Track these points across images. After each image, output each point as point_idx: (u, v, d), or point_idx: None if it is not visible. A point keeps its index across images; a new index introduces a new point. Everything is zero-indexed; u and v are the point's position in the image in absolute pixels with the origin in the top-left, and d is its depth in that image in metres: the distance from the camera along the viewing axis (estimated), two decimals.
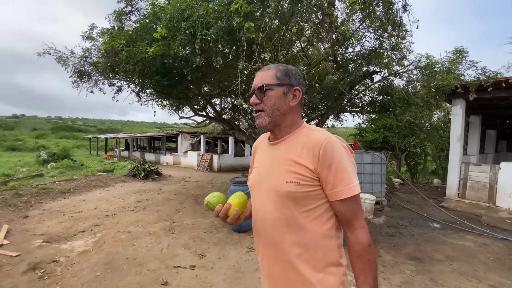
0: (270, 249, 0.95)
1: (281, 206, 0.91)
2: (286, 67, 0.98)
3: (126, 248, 3.44)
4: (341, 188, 0.84)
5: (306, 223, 0.89)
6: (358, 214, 0.88)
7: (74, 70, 5.66)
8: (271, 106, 0.94)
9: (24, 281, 2.56)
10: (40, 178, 8.48)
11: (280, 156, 0.95)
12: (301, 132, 0.95)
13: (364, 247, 0.86)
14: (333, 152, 0.84)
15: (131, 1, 4.50)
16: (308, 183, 0.87)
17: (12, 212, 4.78)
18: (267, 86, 0.94)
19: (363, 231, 0.88)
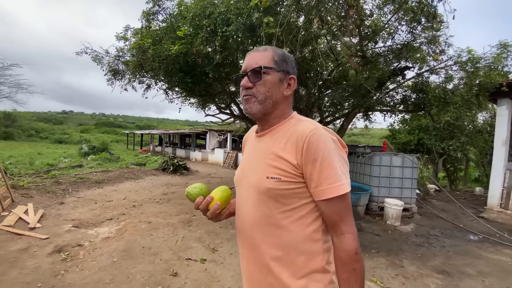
0: (250, 250, 0.88)
1: (261, 204, 0.83)
2: (282, 51, 0.89)
3: (144, 237, 3.60)
4: (326, 186, 0.74)
5: (287, 224, 0.80)
6: (346, 217, 0.78)
7: (109, 68, 6.08)
8: (265, 93, 0.84)
9: (47, 262, 2.79)
10: (79, 169, 9.28)
11: (264, 149, 0.87)
12: (288, 124, 0.86)
13: (350, 254, 0.76)
14: (318, 145, 0.75)
15: (158, 1, 4.69)
16: (290, 180, 0.78)
17: (49, 198, 5.29)
18: (265, 68, 0.83)
19: (350, 237, 0.77)
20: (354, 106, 5.16)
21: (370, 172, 5.62)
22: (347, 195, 0.77)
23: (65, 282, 2.46)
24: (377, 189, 5.46)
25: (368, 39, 4.73)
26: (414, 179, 5.54)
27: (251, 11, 3.75)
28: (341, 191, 0.74)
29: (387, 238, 4.20)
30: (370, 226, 4.73)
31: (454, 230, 4.68)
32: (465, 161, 10.61)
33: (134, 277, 2.61)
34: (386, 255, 3.53)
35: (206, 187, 0.94)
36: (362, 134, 54.05)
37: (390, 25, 4.93)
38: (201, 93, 5.85)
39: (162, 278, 2.63)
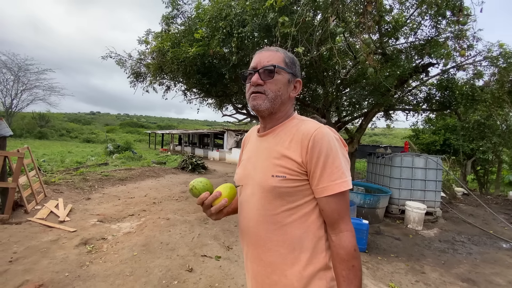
0: (254, 249, 0.89)
1: (265, 203, 0.84)
2: (291, 54, 0.93)
3: (162, 233, 3.73)
4: (328, 183, 0.76)
5: (291, 221, 0.82)
6: (345, 215, 0.79)
7: (131, 71, 6.37)
8: (275, 92, 0.85)
9: (74, 254, 2.99)
10: (105, 167, 9.78)
11: (267, 148, 0.89)
12: (291, 123, 0.89)
13: (349, 251, 0.77)
14: (323, 144, 0.77)
15: (177, 6, 4.84)
16: (294, 178, 0.80)
17: (77, 194, 5.63)
18: (278, 68, 0.85)
19: (349, 234, 0.78)
20: (373, 105, 5.00)
21: (390, 173, 5.42)
22: (347, 193, 0.79)
23: (89, 273, 2.62)
24: (398, 191, 5.25)
25: (389, 36, 4.57)
26: (438, 182, 5.27)
27: (267, 12, 3.76)
28: (343, 188, 0.76)
29: (408, 242, 4.04)
30: (389, 229, 4.57)
31: (483, 237, 4.39)
32: (497, 163, 9.89)
33: (152, 271, 2.72)
34: (406, 260, 3.40)
35: (210, 183, 0.92)
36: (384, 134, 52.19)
37: (412, 20, 4.72)
38: (218, 94, 5.96)
39: (179, 273, 2.72)
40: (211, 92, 5.62)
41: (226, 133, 17.46)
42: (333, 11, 3.20)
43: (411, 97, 6.22)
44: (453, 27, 4.17)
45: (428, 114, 7.07)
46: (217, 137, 21.69)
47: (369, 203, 4.56)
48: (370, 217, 4.55)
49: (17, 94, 27.29)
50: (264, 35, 4.26)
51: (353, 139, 6.04)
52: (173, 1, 4.85)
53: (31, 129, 30.95)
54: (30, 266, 2.64)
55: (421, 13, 4.28)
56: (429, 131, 9.04)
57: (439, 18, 4.11)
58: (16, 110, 28.11)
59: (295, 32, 3.54)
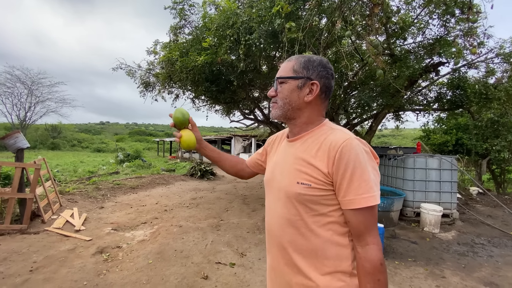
0: (279, 250, 0.91)
1: (291, 208, 0.86)
2: (309, 58, 0.90)
3: (176, 241, 3.75)
4: (355, 196, 0.76)
5: (315, 228, 0.83)
6: (372, 228, 0.79)
7: (141, 81, 6.51)
8: (283, 99, 0.90)
9: (92, 262, 3.03)
10: (116, 175, 9.94)
11: (295, 154, 0.89)
12: (320, 131, 0.88)
13: (375, 265, 0.76)
14: (350, 156, 0.76)
15: (184, 16, 4.95)
16: (320, 187, 0.80)
17: (91, 203, 5.73)
18: (279, 79, 0.90)
19: (375, 248, 0.77)
20: (382, 106, 4.95)
21: (403, 175, 5.32)
22: (375, 207, 0.78)
23: (107, 281, 2.65)
24: (412, 193, 5.15)
25: (396, 36, 4.54)
26: (454, 182, 5.14)
27: (273, 18, 3.81)
28: (370, 203, 0.75)
29: (425, 246, 3.93)
30: (405, 233, 4.47)
31: (504, 238, 4.24)
32: None
33: (168, 279, 2.73)
34: (425, 264, 3.31)
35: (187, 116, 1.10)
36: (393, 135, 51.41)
37: (420, 19, 4.69)
38: (226, 100, 6.02)
39: (194, 280, 2.72)
40: (219, 99, 5.68)
41: (233, 139, 17.54)
42: (340, 15, 3.21)
43: (421, 97, 6.14)
44: (462, 25, 4.12)
45: (439, 113, 6.95)
46: (225, 143, 21.80)
47: (383, 206, 4.47)
48: (384, 221, 4.47)
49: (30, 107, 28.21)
50: (271, 41, 4.30)
51: None
52: (181, 12, 4.96)
53: (44, 140, 31.79)
54: (50, 275, 2.69)
55: (429, 12, 4.25)
56: (440, 131, 8.86)
57: (448, 17, 4.06)
58: (30, 122, 29.01)
59: (302, 37, 3.57)
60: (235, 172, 1.25)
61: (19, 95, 27.27)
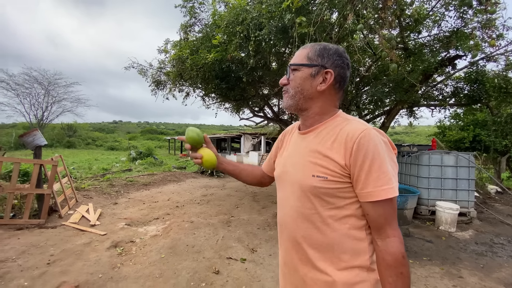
0: (293, 244, 0.88)
1: (305, 201, 0.83)
2: (324, 46, 0.86)
3: (187, 236, 3.80)
4: (374, 189, 0.73)
5: (331, 222, 0.80)
6: (392, 220, 0.76)
7: (152, 80, 6.59)
8: (295, 88, 0.87)
9: (106, 256, 3.11)
10: (129, 172, 10.16)
11: (309, 147, 0.86)
12: (334, 122, 0.85)
13: (397, 257, 0.74)
14: (368, 147, 0.73)
15: (194, 14, 4.97)
16: (336, 179, 0.78)
17: (105, 199, 5.88)
18: (292, 66, 0.87)
19: (396, 240, 0.75)
20: (396, 102, 4.83)
21: (417, 172, 5.18)
22: (395, 199, 0.76)
23: (121, 274, 2.71)
24: (427, 191, 5.01)
25: (410, 29, 4.41)
26: (471, 180, 4.97)
27: (283, 13, 3.77)
28: (389, 195, 0.73)
29: (441, 245, 3.82)
30: (420, 231, 4.36)
31: None
32: None
33: (180, 273, 2.77)
34: (441, 263, 3.22)
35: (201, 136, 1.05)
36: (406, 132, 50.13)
37: (435, 11, 4.53)
38: (235, 98, 6.02)
39: (205, 275, 2.75)
40: (229, 96, 5.70)
41: (243, 137, 17.59)
42: (351, 9, 3.14)
43: (437, 92, 5.94)
44: (480, 16, 3.95)
45: (455, 109, 6.72)
46: (234, 141, 21.90)
47: (397, 204, 4.38)
48: (398, 219, 4.37)
49: (47, 106, 29.14)
50: (281, 37, 4.26)
51: None
52: (191, 10, 4.99)
53: (60, 139, 32.84)
54: (66, 268, 2.78)
55: (445, 4, 4.09)
56: (457, 127, 8.57)
57: (465, 8, 3.90)
58: (47, 121, 29.99)
59: (312, 32, 3.51)
60: (256, 182, 1.20)
61: (37, 95, 28.23)
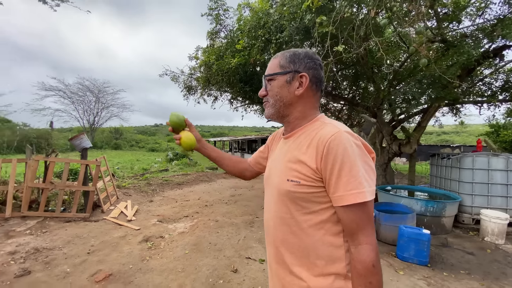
0: (274, 248, 0.90)
1: (282, 206, 0.85)
2: (294, 52, 0.88)
3: (211, 234, 3.96)
4: (343, 193, 0.72)
5: (306, 227, 0.80)
6: (365, 226, 0.73)
7: (184, 85, 7.00)
8: (273, 96, 0.88)
9: (138, 249, 3.40)
10: (165, 172, 10.85)
11: (287, 152, 0.88)
12: (313, 126, 0.85)
13: (366, 266, 0.71)
14: (338, 150, 0.72)
15: (219, 21, 5.17)
16: (309, 184, 0.78)
17: (142, 197, 6.38)
18: (267, 76, 0.89)
19: (368, 248, 0.72)
20: (433, 99, 4.43)
21: (459, 177, 4.70)
22: (368, 204, 0.73)
23: (148, 267, 2.95)
24: (470, 197, 4.51)
25: (448, 20, 4.03)
26: None
27: (304, 14, 3.74)
28: (359, 199, 0.71)
29: (485, 258, 3.42)
30: (460, 242, 3.95)
31: None
32: None
33: (200, 269, 2.92)
34: (481, 278, 2.89)
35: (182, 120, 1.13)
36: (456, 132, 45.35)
37: None
38: (260, 100, 6.10)
39: (224, 273, 2.85)
40: (254, 99, 5.79)
41: None
42: (375, 3, 2.99)
43: (484, 86, 5.32)
44: None
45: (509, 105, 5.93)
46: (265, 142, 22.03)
47: (433, 211, 4.02)
48: (434, 227, 4.02)
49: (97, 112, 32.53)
50: (303, 37, 4.23)
51: (410, 139, 5.45)
52: (217, 17, 5.20)
53: (108, 141, 36.28)
54: (103, 258, 3.10)
55: None
56: None
57: None
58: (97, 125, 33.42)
59: (334, 30, 3.43)
60: (238, 172, 1.23)
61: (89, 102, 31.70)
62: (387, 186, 5.32)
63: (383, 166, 6.30)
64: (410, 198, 4.29)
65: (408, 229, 3.22)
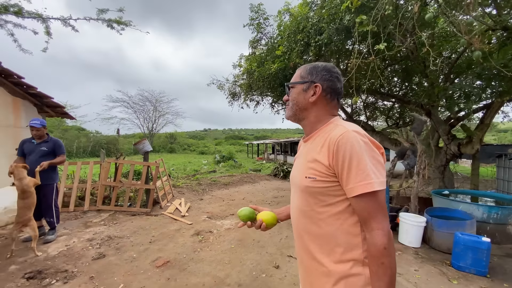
0: (299, 238, 1.03)
1: (302, 200, 0.97)
2: (314, 65, 1.02)
3: (255, 232, 4.18)
4: (354, 184, 0.82)
5: (325, 217, 0.91)
6: (376, 214, 0.82)
7: (229, 92, 7.46)
8: (292, 101, 1.03)
9: (190, 241, 3.80)
10: (213, 174, 11.59)
11: (306, 153, 1.01)
12: (327, 129, 0.96)
13: (378, 249, 0.80)
14: (346, 148, 0.83)
15: (260, 29, 5.43)
16: (324, 179, 0.88)
17: (194, 195, 6.99)
18: (289, 84, 1.06)
19: (380, 233, 0.81)
20: (497, 94, 3.93)
21: None
22: (378, 194, 0.81)
23: (199, 257, 3.30)
24: None
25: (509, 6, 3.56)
26: None
27: (343, 14, 3.74)
28: (368, 189, 0.80)
29: None
30: None
31: None
32: None
33: (245, 263, 3.15)
34: None
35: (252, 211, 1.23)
36: None
37: None
38: None
39: (267, 268, 3.03)
40: None
41: None
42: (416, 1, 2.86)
43: None
44: None
45: None
46: None
47: (497, 218, 3.57)
48: (498, 236, 3.56)
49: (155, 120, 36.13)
50: (344, 37, 4.20)
51: (472, 138, 4.88)
52: (258, 26, 5.47)
53: (164, 145, 39.90)
54: (162, 247, 3.57)
55: None
56: None
57: None
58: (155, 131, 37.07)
59: (375, 28, 3.36)
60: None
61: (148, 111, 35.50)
62: (444, 191, 4.86)
63: (440, 169, 5.74)
64: (470, 204, 3.88)
65: (465, 237, 2.95)
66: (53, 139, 3.75)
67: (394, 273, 0.81)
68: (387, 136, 6.92)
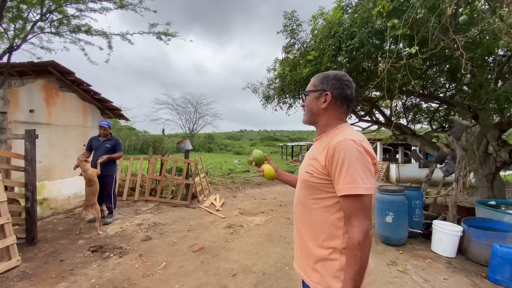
0: (296, 222, 1.22)
1: (301, 190, 1.14)
2: (325, 74, 1.13)
3: (282, 229, 4.40)
4: (342, 186, 0.94)
5: (316, 208, 1.06)
6: (358, 214, 0.94)
7: (263, 95, 7.76)
8: (306, 107, 1.17)
9: (222, 233, 4.17)
10: (247, 173, 12.01)
11: (312, 152, 1.18)
12: (333, 133, 1.07)
13: (354, 243, 0.92)
14: (340, 153, 0.95)
15: (294, 35, 5.61)
16: (319, 176, 1.03)
17: (228, 192, 7.43)
18: (304, 92, 1.22)
19: (358, 230, 0.93)
20: None
21: None
22: (363, 197, 0.93)
23: (230, 247, 3.63)
24: None
25: None
26: None
27: (375, 19, 3.76)
28: (352, 192, 0.92)
29: None
30: None
31: None
32: None
33: (270, 255, 3.39)
34: None
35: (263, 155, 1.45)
36: None
37: None
38: None
39: (290, 261, 3.23)
40: None
41: None
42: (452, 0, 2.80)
43: None
44: None
45: None
46: None
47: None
48: None
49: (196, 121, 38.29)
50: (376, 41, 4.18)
51: None
52: (291, 32, 5.66)
53: (203, 145, 42.00)
54: (198, 235, 4.00)
55: None
56: None
57: None
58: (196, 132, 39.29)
59: (408, 31, 3.34)
60: None
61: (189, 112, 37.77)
62: (491, 201, 4.48)
63: (489, 177, 5.28)
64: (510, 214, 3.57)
65: (504, 248, 2.79)
66: (114, 138, 4.46)
67: (364, 265, 0.93)
68: (428, 141, 6.53)
